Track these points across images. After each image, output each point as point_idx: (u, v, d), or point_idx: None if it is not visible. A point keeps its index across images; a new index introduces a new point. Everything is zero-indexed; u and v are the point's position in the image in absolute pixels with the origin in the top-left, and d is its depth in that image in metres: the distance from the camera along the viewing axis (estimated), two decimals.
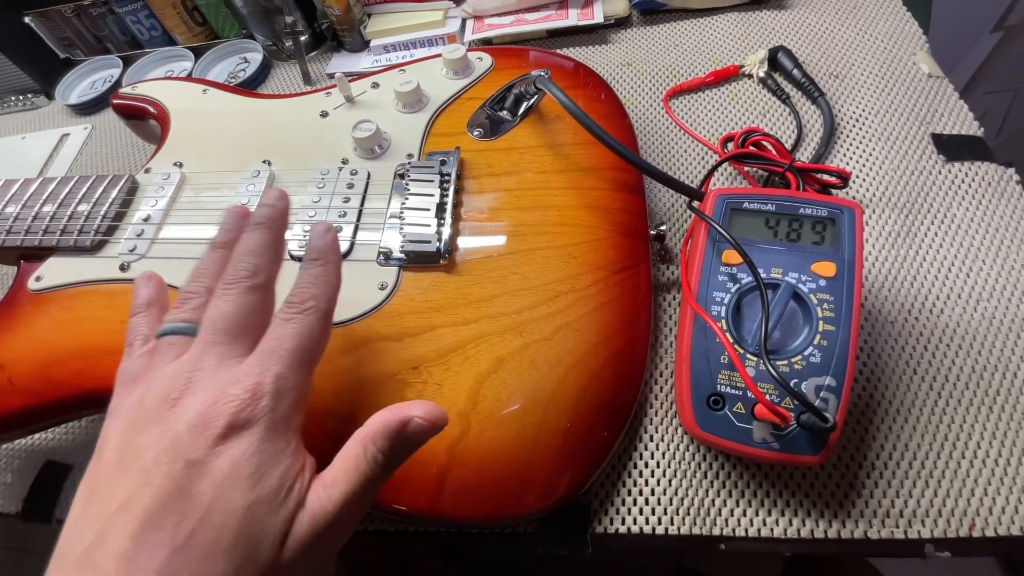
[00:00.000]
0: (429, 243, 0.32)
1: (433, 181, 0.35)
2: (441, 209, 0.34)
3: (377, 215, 0.35)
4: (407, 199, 0.34)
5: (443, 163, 0.36)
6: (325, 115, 0.41)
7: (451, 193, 0.34)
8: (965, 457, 0.28)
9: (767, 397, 0.25)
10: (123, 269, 0.34)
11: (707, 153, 0.43)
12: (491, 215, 0.34)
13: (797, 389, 0.25)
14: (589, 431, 0.28)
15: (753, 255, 0.27)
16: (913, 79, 0.43)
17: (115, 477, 0.19)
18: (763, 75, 0.45)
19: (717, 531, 0.28)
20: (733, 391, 0.26)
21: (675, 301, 0.36)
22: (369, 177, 0.37)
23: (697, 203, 0.33)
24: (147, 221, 0.36)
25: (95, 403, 0.31)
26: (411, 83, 0.40)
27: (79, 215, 0.36)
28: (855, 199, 0.38)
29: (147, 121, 0.45)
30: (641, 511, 0.29)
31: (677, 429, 0.31)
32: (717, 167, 0.37)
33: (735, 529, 0.28)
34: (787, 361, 0.26)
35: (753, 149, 0.38)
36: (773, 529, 0.28)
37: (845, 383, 0.25)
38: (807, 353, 0.26)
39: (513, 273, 0.32)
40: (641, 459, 0.31)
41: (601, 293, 0.31)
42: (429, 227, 0.33)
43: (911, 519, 0.27)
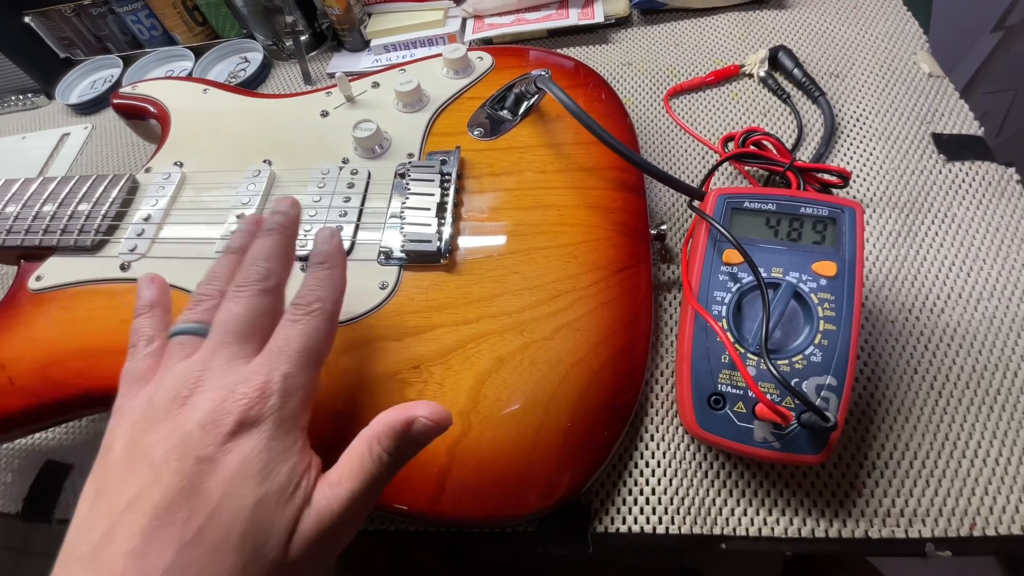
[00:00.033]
0: (430, 243, 0.32)
1: (434, 181, 0.35)
2: (442, 209, 0.34)
3: (378, 215, 0.35)
4: (408, 199, 0.34)
5: (444, 163, 0.36)
6: (325, 115, 0.41)
7: (452, 193, 0.34)
8: (966, 456, 0.28)
9: (768, 396, 0.25)
10: (123, 269, 0.34)
11: (707, 153, 0.43)
12: (492, 214, 0.34)
13: (798, 388, 0.25)
14: (590, 430, 0.28)
15: (754, 254, 0.27)
16: (913, 79, 0.43)
17: (123, 475, 0.19)
18: (763, 75, 0.45)
19: (718, 530, 0.28)
20: (734, 390, 0.26)
21: (676, 301, 0.36)
22: (369, 177, 0.37)
23: (698, 202, 0.33)
24: (148, 221, 0.36)
25: (96, 403, 0.31)
26: (411, 83, 0.40)
27: (79, 215, 0.36)
28: (856, 198, 0.38)
29: (147, 121, 0.45)
30: (642, 511, 0.29)
31: (678, 429, 0.31)
32: (718, 167, 0.37)
33: (736, 528, 0.28)
34: (788, 360, 0.26)
35: (754, 149, 0.38)
36: (774, 528, 0.28)
37: (846, 382, 0.25)
38: (808, 352, 0.26)
39: (514, 272, 0.32)
40: (642, 459, 0.31)
41: (602, 292, 0.31)
42: (430, 227, 0.33)
43: (912, 518, 0.27)
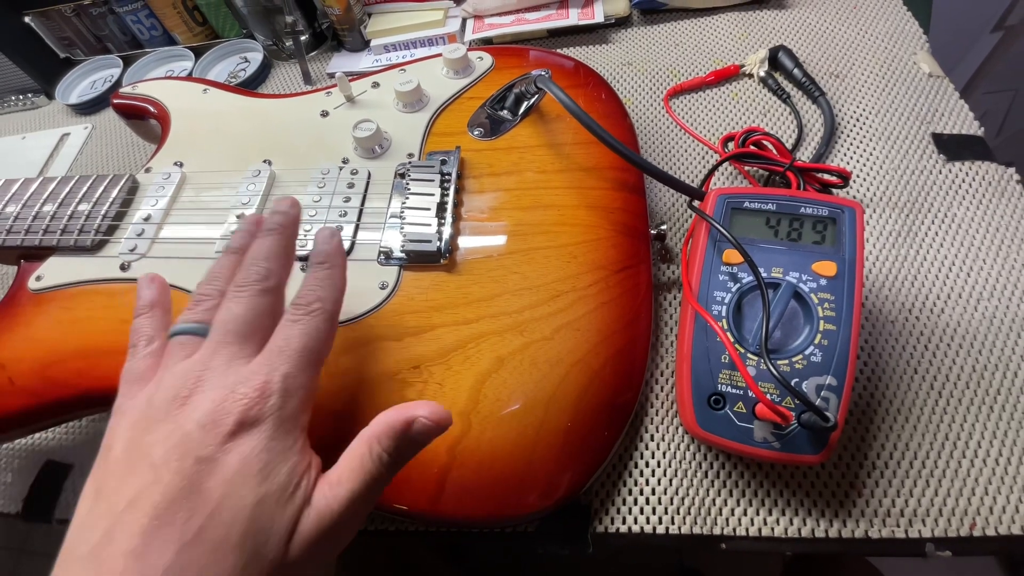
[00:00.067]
0: (430, 242, 0.32)
1: (434, 181, 0.35)
2: (442, 208, 0.34)
3: (378, 215, 0.35)
4: (408, 198, 0.34)
5: (444, 163, 0.36)
6: (325, 115, 0.41)
7: (451, 193, 0.34)
8: (966, 456, 0.28)
9: (768, 396, 0.25)
10: (123, 269, 0.34)
11: (707, 153, 0.43)
12: (492, 214, 0.34)
13: (798, 388, 0.25)
14: (590, 430, 0.28)
15: (754, 254, 0.27)
16: (913, 79, 0.43)
17: (123, 475, 0.19)
18: (763, 74, 0.45)
19: (718, 530, 0.28)
20: (734, 390, 0.26)
21: (676, 301, 0.36)
22: (369, 177, 0.37)
23: (698, 202, 0.33)
24: (148, 220, 0.36)
25: (96, 403, 0.31)
26: (411, 82, 0.40)
27: (79, 215, 0.36)
28: (856, 198, 0.38)
29: (147, 121, 0.45)
30: (642, 511, 0.29)
31: (678, 428, 0.31)
32: (718, 167, 0.37)
33: (736, 528, 0.28)
34: (788, 360, 0.26)
35: (753, 148, 0.38)
36: (774, 528, 0.28)
37: (846, 382, 0.25)
38: (808, 352, 0.26)
39: (514, 272, 0.32)
40: (642, 458, 0.31)
41: (602, 292, 0.31)
42: (430, 226, 0.33)
43: (912, 518, 0.27)
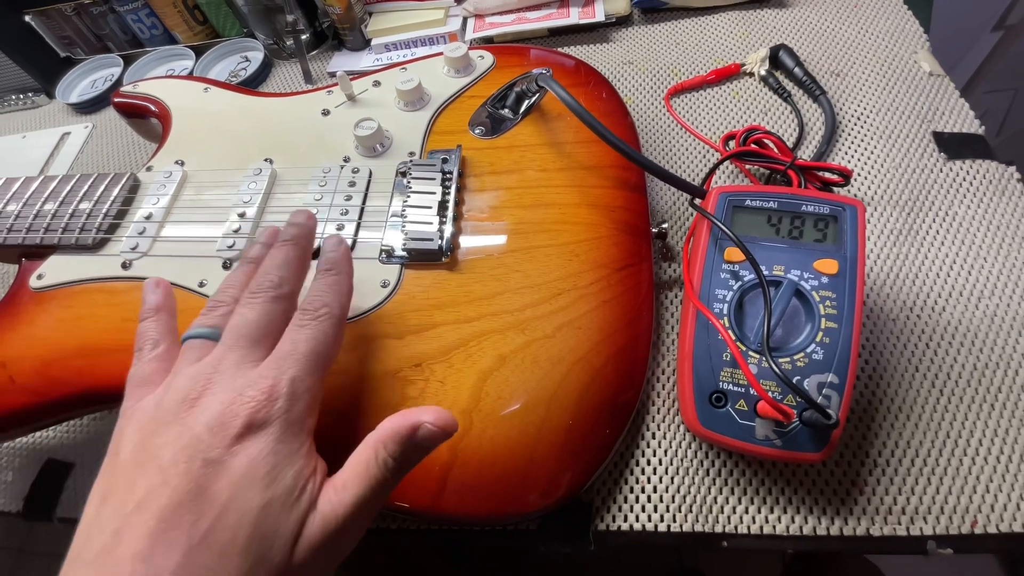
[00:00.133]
0: (431, 241, 0.32)
1: (435, 179, 0.35)
2: (443, 207, 0.34)
3: (379, 213, 0.35)
4: (409, 197, 0.34)
5: (445, 161, 0.36)
6: (327, 113, 0.41)
7: (453, 191, 0.34)
8: (967, 454, 0.28)
9: (770, 394, 0.25)
10: (125, 267, 0.34)
11: (708, 151, 0.43)
12: (493, 213, 0.34)
13: (799, 386, 0.25)
14: (591, 429, 0.28)
15: (755, 252, 0.27)
16: (914, 77, 0.43)
17: (132, 477, 0.19)
18: (764, 73, 0.45)
19: (719, 528, 0.28)
20: (735, 388, 0.26)
21: (677, 299, 0.36)
22: (371, 175, 0.37)
23: (699, 201, 0.33)
24: (149, 219, 0.36)
25: (97, 401, 0.31)
26: (412, 81, 0.40)
27: (81, 213, 0.36)
28: (857, 197, 0.38)
29: (148, 119, 0.45)
30: (643, 509, 0.29)
31: (679, 427, 0.31)
32: (719, 165, 0.37)
33: (737, 527, 0.28)
34: (790, 358, 0.26)
35: (755, 147, 0.38)
36: (775, 526, 0.28)
37: (847, 380, 0.25)
38: (809, 350, 0.26)
39: (515, 271, 0.32)
40: (643, 457, 0.31)
41: (603, 291, 0.31)
42: (431, 225, 0.33)
43: (913, 516, 0.27)
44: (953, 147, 0.39)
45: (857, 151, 0.40)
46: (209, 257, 0.34)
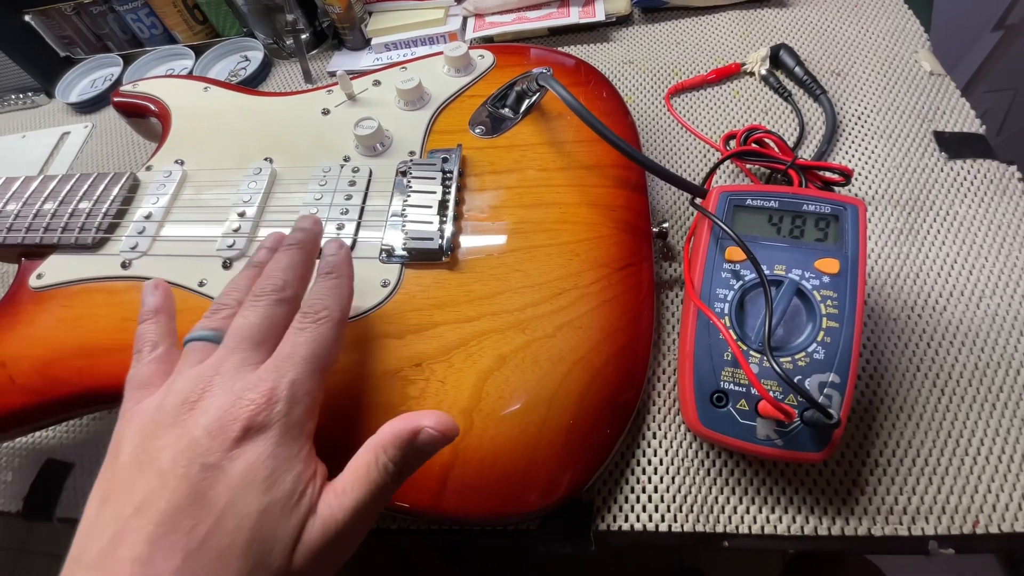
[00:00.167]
0: (431, 240, 0.32)
1: (435, 178, 0.34)
2: (443, 206, 0.34)
3: (379, 213, 0.35)
4: (409, 196, 0.34)
5: (445, 160, 0.36)
6: (327, 113, 0.41)
7: (453, 190, 0.34)
8: (968, 454, 0.28)
9: (771, 394, 0.25)
10: (124, 267, 0.34)
11: (709, 151, 0.43)
12: (493, 212, 0.34)
13: (801, 385, 0.25)
14: (592, 428, 0.28)
15: (756, 252, 0.27)
16: (915, 77, 0.43)
17: (131, 480, 0.19)
18: (765, 73, 0.45)
19: (720, 528, 0.28)
20: (736, 388, 0.26)
21: (678, 299, 0.36)
22: (371, 175, 0.37)
23: (700, 200, 0.33)
24: (149, 219, 0.36)
25: (96, 401, 0.31)
26: (413, 80, 0.39)
27: (80, 212, 0.36)
28: (858, 196, 0.38)
29: (148, 119, 0.45)
30: (644, 508, 0.29)
31: (680, 426, 0.31)
32: (719, 164, 0.37)
33: (738, 526, 0.28)
34: (791, 358, 0.26)
35: (755, 147, 0.38)
36: (776, 526, 0.28)
37: (849, 379, 0.25)
38: (811, 350, 0.26)
39: (515, 270, 0.32)
40: (644, 456, 0.31)
41: (604, 290, 0.31)
42: (431, 224, 0.33)
43: (915, 516, 0.27)
44: (954, 146, 0.39)
45: (858, 150, 0.40)
46: (209, 257, 0.34)
